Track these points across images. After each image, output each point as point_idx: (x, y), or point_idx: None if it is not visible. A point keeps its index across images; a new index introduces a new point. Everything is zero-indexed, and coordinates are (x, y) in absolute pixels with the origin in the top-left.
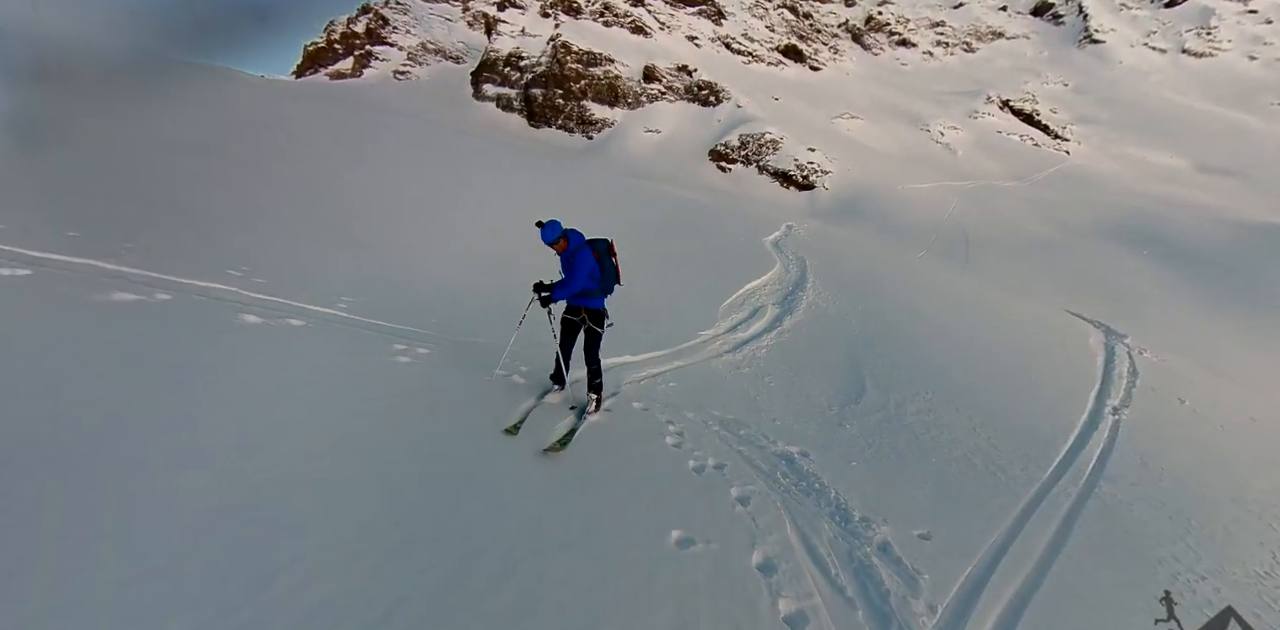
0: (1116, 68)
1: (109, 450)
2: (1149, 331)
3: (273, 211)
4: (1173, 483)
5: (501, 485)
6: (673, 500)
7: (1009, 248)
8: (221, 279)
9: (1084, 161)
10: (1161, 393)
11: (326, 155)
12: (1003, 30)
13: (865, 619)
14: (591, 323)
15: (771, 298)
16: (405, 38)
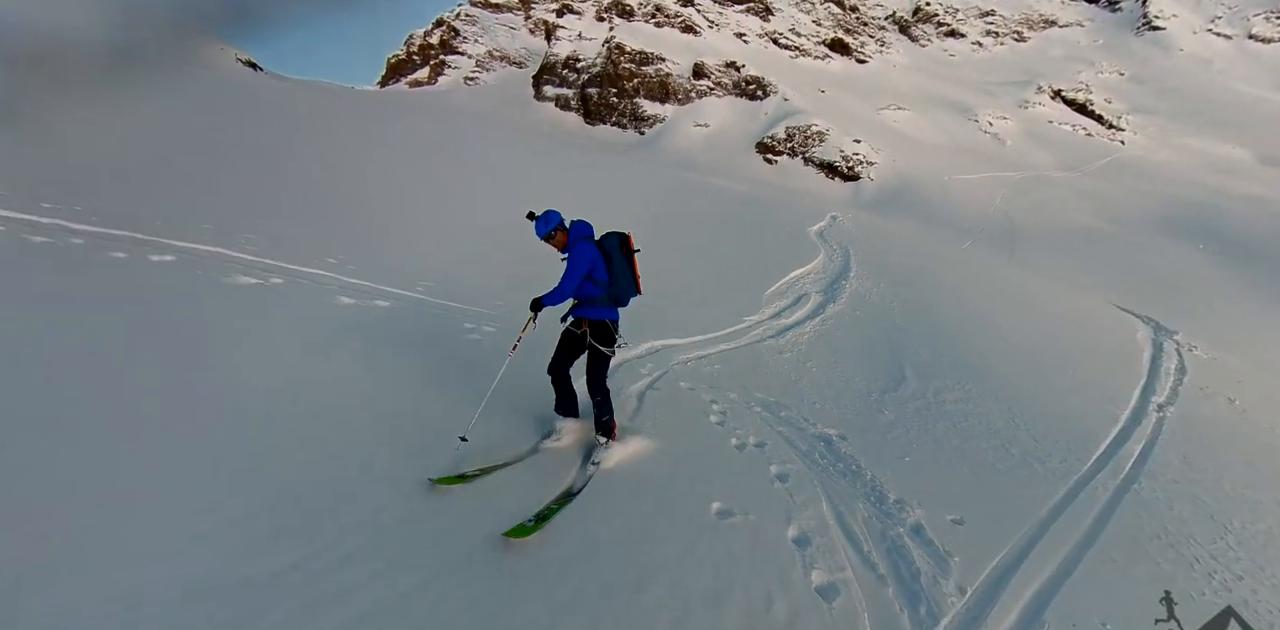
0: (1177, 55)
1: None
2: (1201, 328)
3: (357, 205)
4: (1216, 483)
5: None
6: (714, 474)
7: (1057, 239)
8: (321, 266)
9: (1139, 152)
10: (1210, 391)
11: (404, 158)
12: (1055, 18)
13: (895, 595)
14: (594, 339)
15: (815, 286)
16: (474, 46)
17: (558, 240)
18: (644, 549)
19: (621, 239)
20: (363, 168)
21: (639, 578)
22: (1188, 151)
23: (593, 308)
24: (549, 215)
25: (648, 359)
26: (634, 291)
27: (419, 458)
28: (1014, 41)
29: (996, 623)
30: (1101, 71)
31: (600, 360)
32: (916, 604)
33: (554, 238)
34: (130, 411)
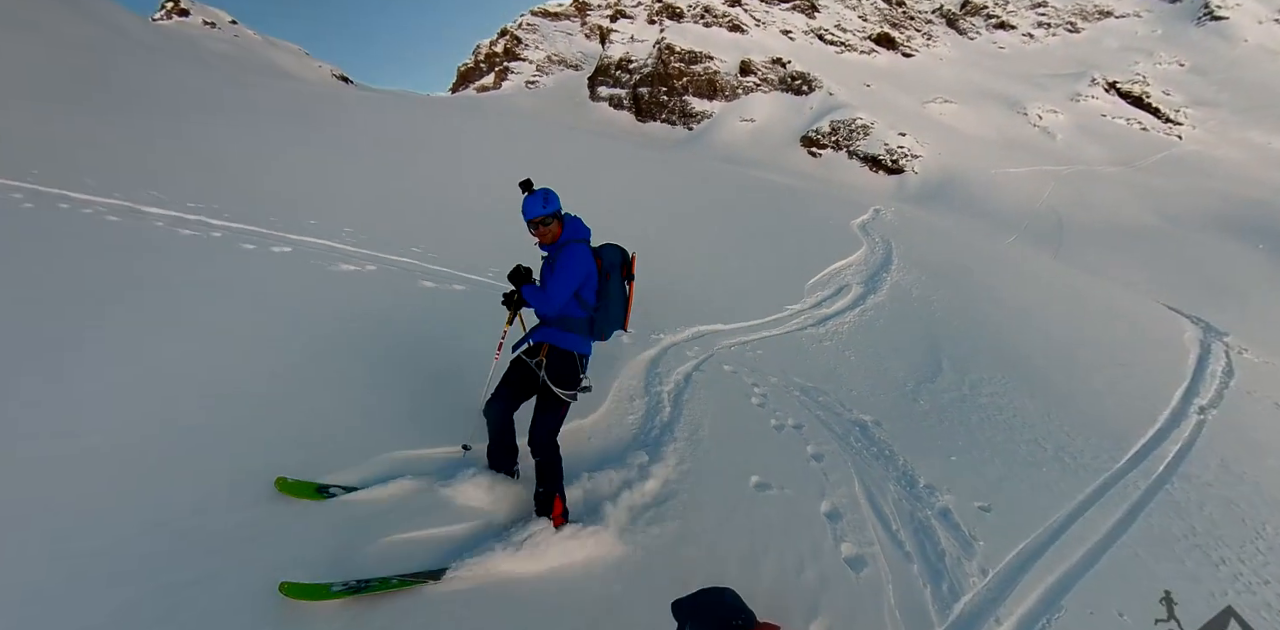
0: (1241, 46)
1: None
2: (1254, 331)
3: (435, 199)
4: (1252, 488)
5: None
6: (754, 451)
7: (1107, 236)
8: (408, 254)
9: (1198, 147)
10: (1257, 395)
11: (475, 156)
12: (1111, 9)
13: (920, 572)
14: (552, 377)
15: (856, 277)
16: (534, 52)
17: (551, 230)
18: (687, 510)
19: (624, 256)
20: (440, 162)
21: (679, 538)
22: (1249, 147)
23: (564, 333)
24: (550, 194)
25: (694, 343)
26: (620, 324)
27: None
28: (1067, 32)
29: (1015, 604)
30: (1160, 63)
31: (553, 407)
32: (939, 581)
33: (548, 225)
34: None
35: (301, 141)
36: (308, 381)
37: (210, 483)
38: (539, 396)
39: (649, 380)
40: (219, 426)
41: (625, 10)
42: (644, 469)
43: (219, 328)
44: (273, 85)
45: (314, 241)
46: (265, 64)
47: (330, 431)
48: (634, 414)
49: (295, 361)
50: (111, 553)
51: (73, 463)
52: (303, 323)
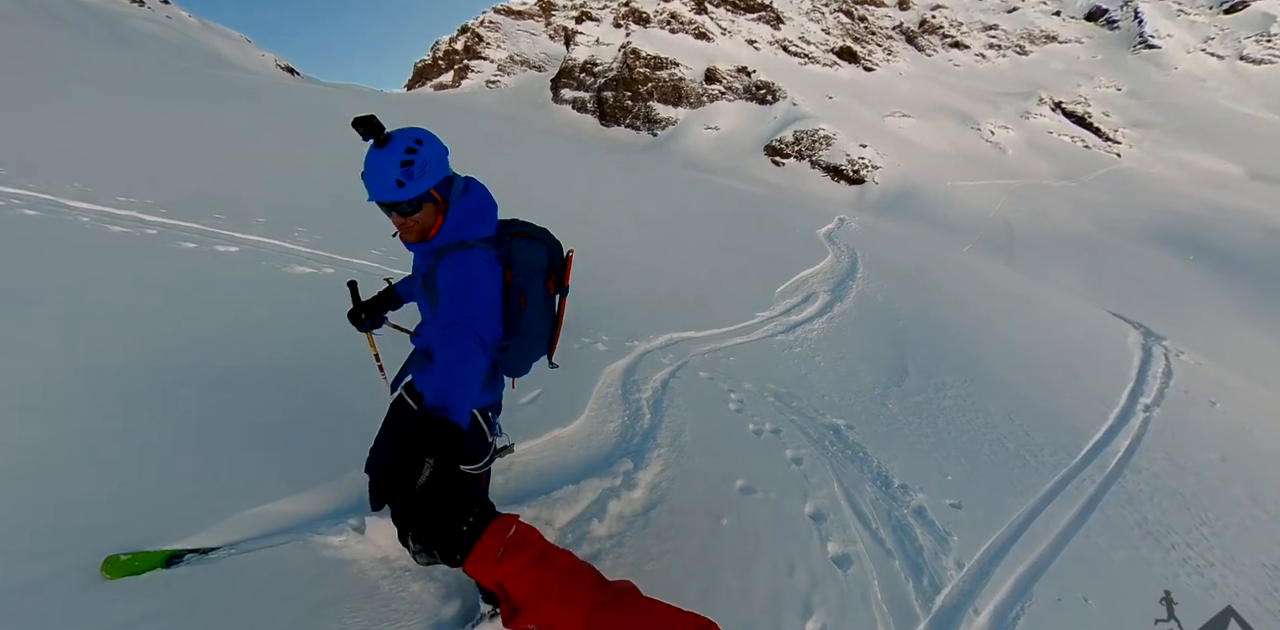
0: (1172, 73)
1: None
2: (1189, 335)
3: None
4: (1195, 478)
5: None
6: (736, 455)
7: (1054, 246)
8: (367, 257)
9: (1134, 164)
10: (1194, 394)
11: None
12: (1056, 34)
13: (901, 567)
14: (439, 448)
15: (823, 285)
16: (496, 51)
17: (423, 216)
18: (676, 517)
19: (553, 258)
20: None
21: (673, 546)
22: (1181, 165)
23: (421, 369)
24: (424, 152)
25: (668, 350)
26: (543, 351)
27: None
28: (1016, 54)
29: (991, 593)
30: (1100, 86)
31: (445, 480)
32: (920, 575)
33: (409, 215)
34: None
35: (249, 135)
36: (162, 420)
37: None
38: (431, 471)
39: (626, 387)
40: (19, 496)
41: (591, 12)
42: (630, 477)
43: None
44: (211, 73)
45: (267, 241)
46: (202, 50)
47: (187, 486)
48: (614, 421)
49: (156, 388)
50: None
51: None
52: (176, 331)
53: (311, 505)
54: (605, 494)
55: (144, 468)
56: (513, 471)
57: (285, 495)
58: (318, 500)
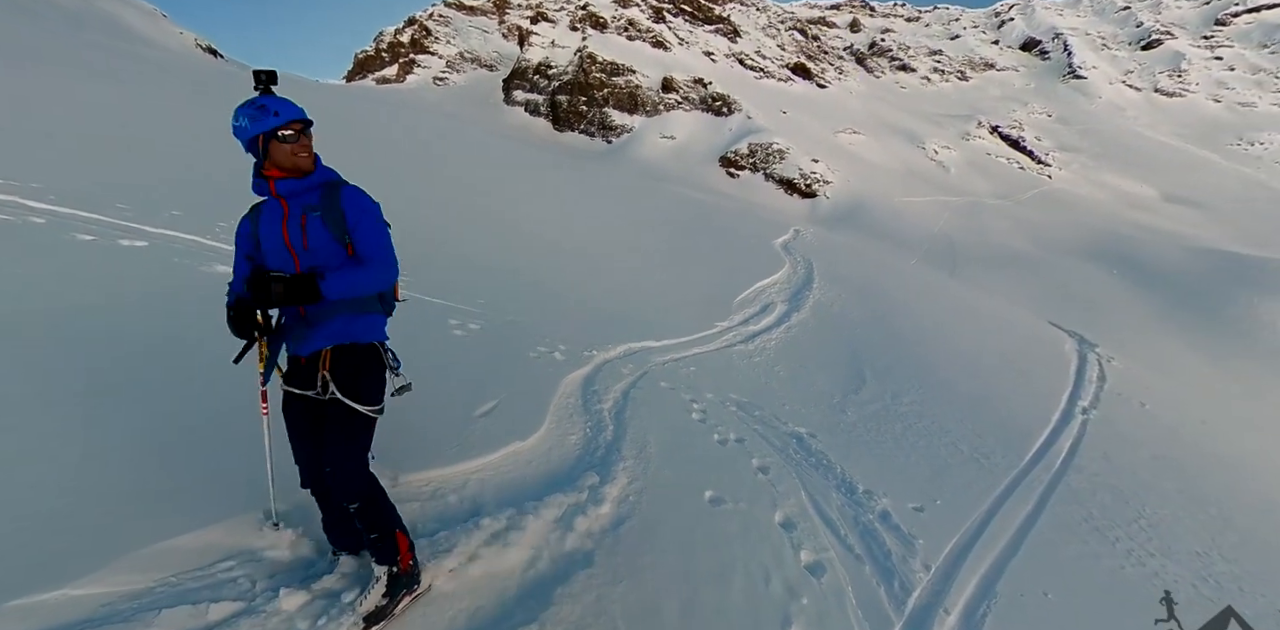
0: (1096, 102)
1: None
2: (1118, 342)
3: None
4: (1130, 475)
5: None
6: (702, 466)
7: (993, 260)
8: None
9: (1064, 185)
10: (1126, 397)
11: (383, 153)
12: (994, 62)
13: (871, 573)
14: (350, 389)
15: (781, 295)
16: (445, 47)
17: (300, 149)
18: (649, 529)
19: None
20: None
21: (651, 560)
22: (1104, 187)
23: (356, 318)
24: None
25: (627, 360)
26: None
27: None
28: (958, 79)
29: (958, 593)
30: (1033, 112)
31: (354, 429)
32: (891, 579)
33: (296, 141)
34: None
35: (161, 120)
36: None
37: None
38: (332, 420)
39: (586, 398)
40: None
41: (547, 13)
42: (596, 491)
43: None
44: (117, 47)
45: (183, 237)
46: (106, 20)
47: (78, 519)
48: (575, 433)
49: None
50: None
51: None
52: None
53: (226, 537)
54: (571, 510)
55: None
56: (469, 489)
57: (191, 528)
58: (226, 533)
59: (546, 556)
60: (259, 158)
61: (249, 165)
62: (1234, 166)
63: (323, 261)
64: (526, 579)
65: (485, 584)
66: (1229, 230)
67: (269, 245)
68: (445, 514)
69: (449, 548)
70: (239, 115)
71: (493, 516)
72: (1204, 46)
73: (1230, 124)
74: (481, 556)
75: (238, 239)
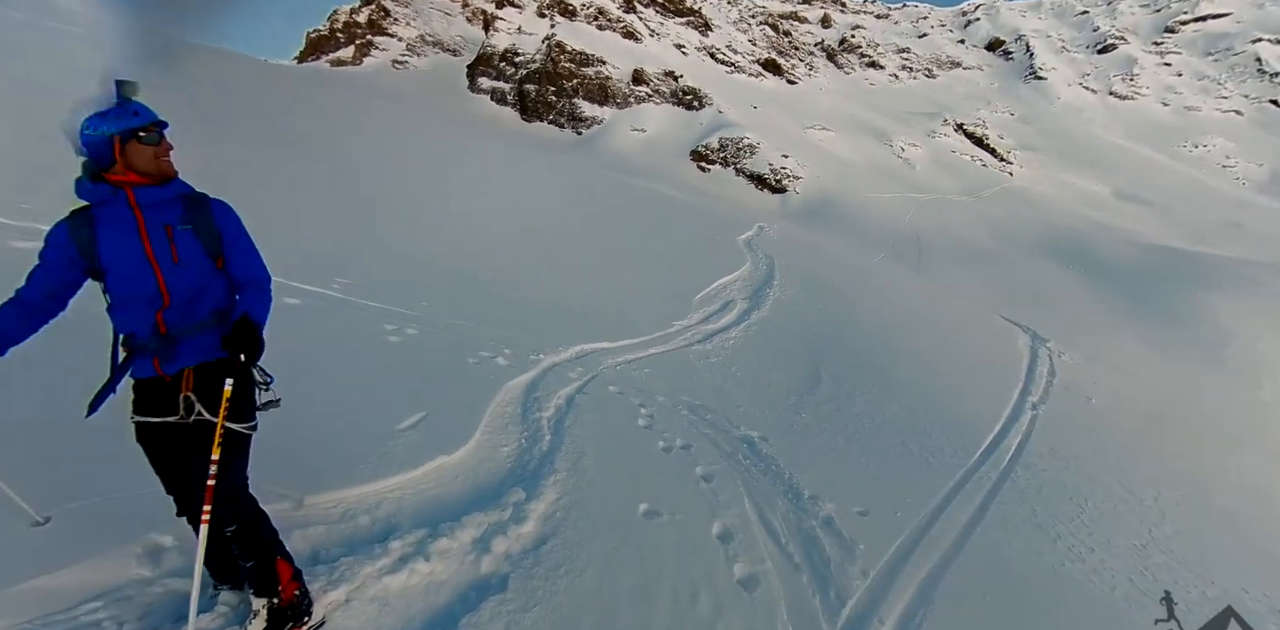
0: (1055, 103)
1: None
2: (1069, 337)
3: (273, 188)
4: (1075, 469)
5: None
6: (642, 476)
7: (957, 255)
8: None
9: (1024, 183)
10: (1074, 391)
11: (330, 140)
12: (961, 61)
13: (808, 582)
14: (216, 408)
15: (741, 293)
16: (405, 29)
17: (164, 152)
18: (572, 548)
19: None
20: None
21: (569, 577)
22: (1062, 185)
23: (217, 333)
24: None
25: (577, 363)
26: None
27: None
28: (925, 77)
29: (895, 601)
30: (996, 111)
31: (230, 450)
32: (827, 588)
33: (158, 143)
34: None
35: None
36: None
37: None
38: (201, 444)
39: (526, 406)
40: None
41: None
42: (520, 508)
43: None
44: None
45: None
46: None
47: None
48: (508, 445)
49: None
50: None
51: None
52: None
53: (93, 575)
54: (490, 530)
55: None
56: (382, 510)
57: (52, 567)
58: (93, 571)
59: (457, 582)
60: (107, 160)
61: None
62: (1181, 167)
63: (191, 277)
64: (432, 607)
65: (386, 615)
66: (1175, 228)
67: (121, 258)
68: (354, 538)
69: (350, 575)
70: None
71: (403, 539)
72: (1155, 52)
73: (1177, 127)
74: (384, 584)
75: (52, 249)
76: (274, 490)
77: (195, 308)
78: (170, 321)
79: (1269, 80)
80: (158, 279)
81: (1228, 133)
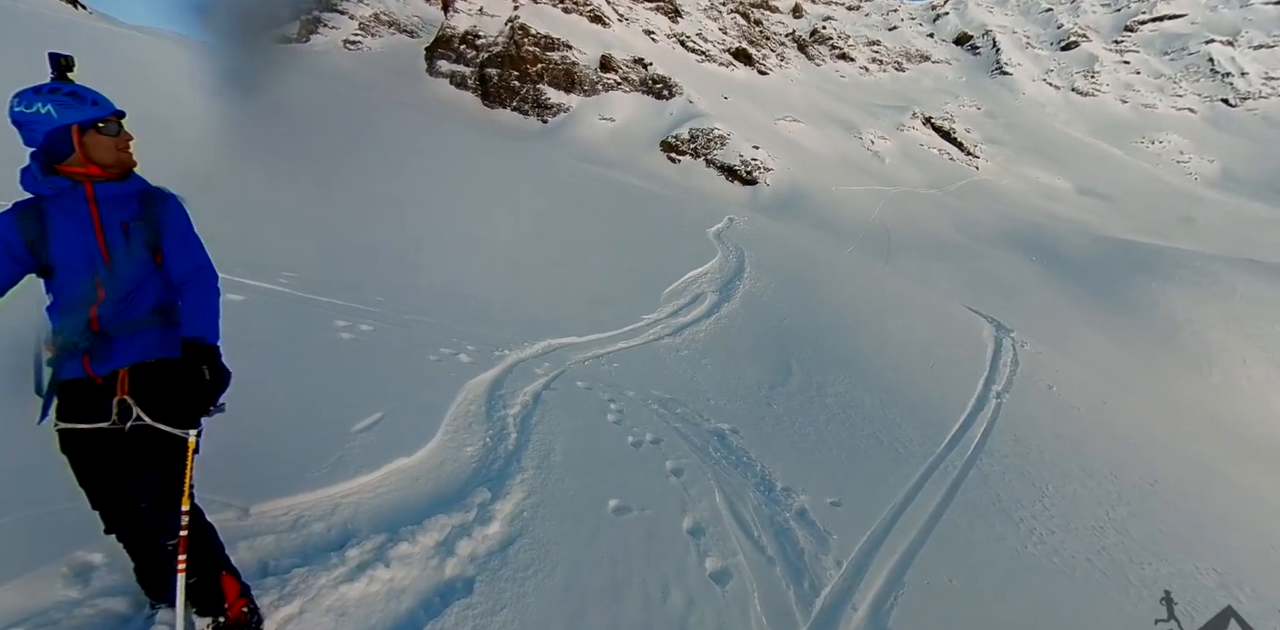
0: (1020, 98)
1: None
2: (1031, 327)
3: (210, 176)
4: (1037, 455)
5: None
6: (611, 472)
7: (924, 247)
8: None
9: (990, 177)
10: (1035, 380)
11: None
12: (930, 55)
13: (782, 574)
14: (164, 414)
15: (711, 286)
16: (358, 7)
17: (124, 144)
18: (540, 547)
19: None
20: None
21: (538, 576)
22: (1025, 179)
23: (169, 331)
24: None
25: (544, 358)
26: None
27: None
28: (895, 70)
29: (868, 588)
30: (963, 105)
31: (169, 458)
32: (800, 579)
33: (118, 134)
34: None
35: None
36: None
37: None
38: (139, 452)
39: (491, 404)
40: None
41: None
42: (486, 509)
43: None
44: None
45: None
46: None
47: None
48: (473, 445)
49: None
50: None
51: None
52: None
53: (16, 597)
54: (454, 533)
55: None
56: (338, 515)
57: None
58: (16, 592)
59: (419, 588)
60: (63, 151)
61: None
62: (1137, 162)
63: (133, 275)
64: (394, 615)
65: (343, 625)
66: (1131, 221)
67: (72, 256)
68: (307, 546)
69: (303, 587)
70: (34, 101)
71: (361, 546)
72: (1115, 50)
73: (1135, 123)
74: (341, 594)
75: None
76: (215, 499)
77: (133, 303)
78: (104, 317)
79: (1220, 80)
80: (98, 278)
81: (1182, 130)
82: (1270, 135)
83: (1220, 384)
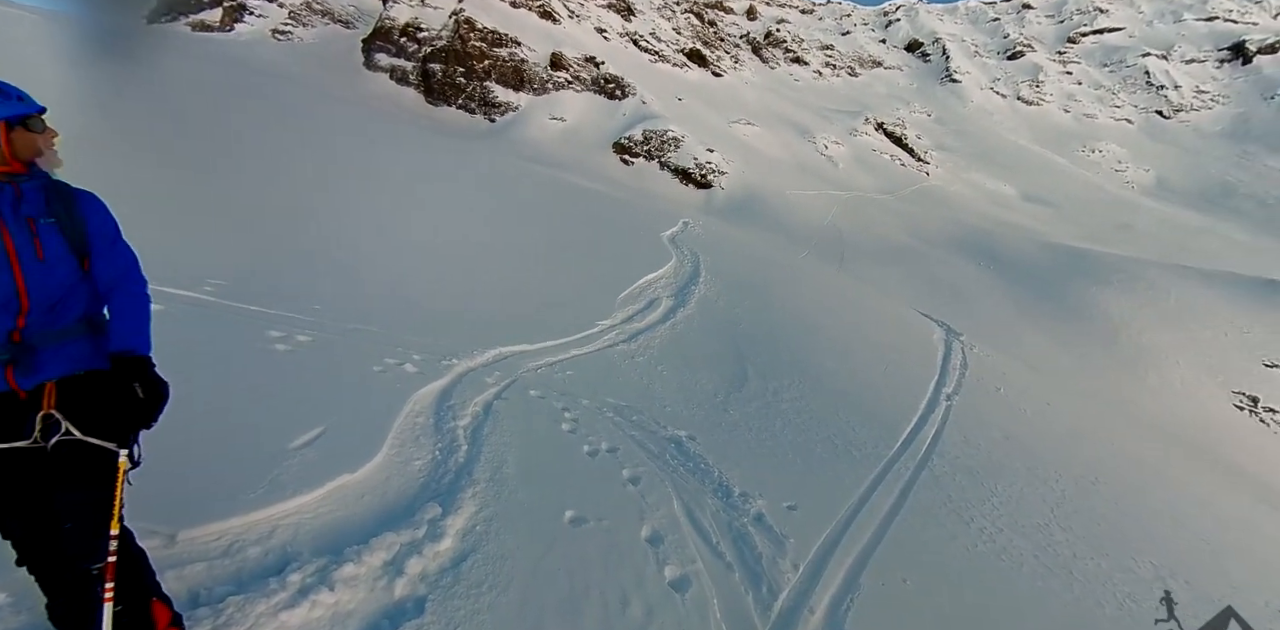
0: (969, 105)
1: None
2: (979, 330)
3: (125, 174)
4: (985, 455)
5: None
6: (567, 483)
7: (877, 252)
8: None
9: (939, 182)
10: (984, 382)
11: (197, 120)
12: (882, 61)
13: (741, 579)
14: (93, 426)
15: (666, 291)
16: None
17: (50, 140)
18: (494, 561)
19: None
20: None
21: (493, 591)
22: (973, 185)
23: (90, 341)
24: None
25: (494, 367)
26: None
27: None
28: (848, 75)
29: (824, 590)
30: (914, 111)
31: (97, 479)
32: (759, 584)
33: (44, 130)
34: None
35: None
36: None
37: None
38: (63, 470)
39: (440, 415)
40: None
41: None
42: (436, 524)
43: None
44: None
45: None
46: None
47: None
48: (421, 458)
49: None
50: None
51: None
52: None
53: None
54: (403, 551)
55: None
56: (276, 538)
57: None
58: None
59: (367, 611)
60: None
61: None
62: (1079, 171)
63: (56, 278)
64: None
65: None
66: (1073, 227)
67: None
68: (242, 573)
69: (239, 617)
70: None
71: (302, 570)
72: (1058, 61)
73: (1076, 133)
74: (281, 621)
75: None
76: (138, 526)
77: (60, 312)
78: (29, 327)
79: (1155, 92)
80: (17, 280)
81: (1120, 139)
82: (1201, 146)
83: (1156, 385)
